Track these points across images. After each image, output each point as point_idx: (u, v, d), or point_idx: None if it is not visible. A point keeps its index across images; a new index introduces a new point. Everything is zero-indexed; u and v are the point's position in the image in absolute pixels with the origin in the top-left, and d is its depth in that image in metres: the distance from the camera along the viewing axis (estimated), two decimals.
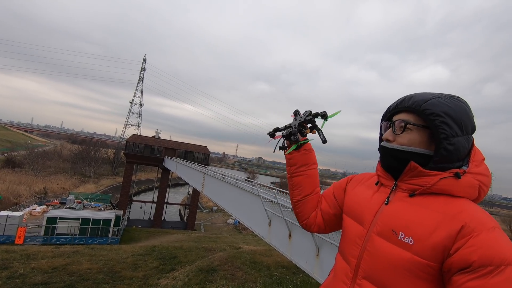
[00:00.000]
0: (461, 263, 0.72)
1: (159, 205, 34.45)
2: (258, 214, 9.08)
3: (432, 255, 0.76)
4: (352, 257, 0.95)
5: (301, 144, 1.19)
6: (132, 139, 35.68)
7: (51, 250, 16.15)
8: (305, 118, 1.19)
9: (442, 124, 0.83)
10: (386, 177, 0.98)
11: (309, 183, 1.19)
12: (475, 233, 0.72)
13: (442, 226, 0.77)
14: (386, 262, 0.84)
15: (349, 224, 1.03)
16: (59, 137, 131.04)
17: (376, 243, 0.88)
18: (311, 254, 6.41)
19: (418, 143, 0.88)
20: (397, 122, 0.93)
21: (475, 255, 0.70)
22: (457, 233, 0.74)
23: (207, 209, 47.76)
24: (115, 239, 22.29)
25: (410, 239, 0.80)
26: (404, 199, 0.89)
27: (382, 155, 0.97)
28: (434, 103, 0.85)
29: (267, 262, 14.69)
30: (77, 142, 79.79)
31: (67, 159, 55.09)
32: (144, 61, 65.32)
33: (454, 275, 0.73)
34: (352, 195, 1.09)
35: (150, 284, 12.62)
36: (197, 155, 37.50)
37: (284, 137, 1.21)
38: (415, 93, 0.94)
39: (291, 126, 1.19)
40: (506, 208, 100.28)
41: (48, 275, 12.58)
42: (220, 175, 13.45)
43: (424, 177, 0.86)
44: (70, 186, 41.92)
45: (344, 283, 0.95)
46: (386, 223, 0.88)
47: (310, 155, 1.20)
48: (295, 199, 1.20)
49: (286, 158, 1.21)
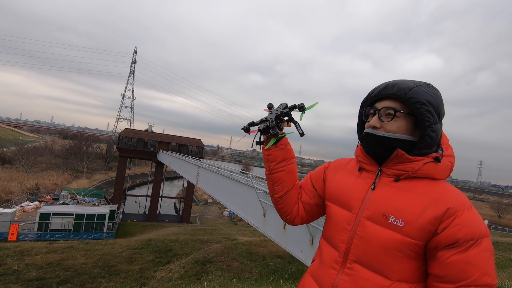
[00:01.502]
0: (448, 241, 0.80)
1: (153, 199, 34.38)
2: (253, 206, 9.13)
3: (421, 235, 0.83)
4: (341, 242, 0.96)
5: (279, 138, 1.14)
6: (125, 133, 35.29)
7: (45, 246, 16.03)
8: (282, 111, 1.13)
9: (426, 113, 0.88)
10: (369, 163, 1.00)
11: (289, 178, 1.15)
12: (458, 213, 0.81)
13: (429, 208, 0.84)
14: (377, 245, 0.88)
15: (335, 210, 1.03)
16: (50, 132, 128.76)
17: (367, 228, 0.91)
18: (306, 243, 6.50)
19: (404, 130, 0.92)
20: (384, 109, 0.94)
21: (460, 233, 0.79)
22: (443, 214, 0.82)
23: (202, 202, 47.89)
24: (110, 234, 22.24)
25: (401, 221, 0.85)
26: (390, 184, 0.93)
27: (369, 142, 0.96)
28: (418, 92, 0.89)
29: (262, 253, 14.87)
30: (68, 137, 78.61)
31: (59, 154, 54.27)
32: (135, 53, 64.17)
33: (440, 251, 0.82)
34: (334, 182, 1.09)
35: (146, 277, 12.68)
36: (191, 148, 37.34)
37: (260, 131, 1.15)
38: (397, 80, 0.95)
39: (268, 119, 1.14)
40: (495, 195, 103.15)
41: (42, 270, 12.52)
42: (215, 168, 13.44)
43: (409, 163, 0.90)
44: (62, 182, 41.41)
45: (333, 269, 0.96)
46: (376, 208, 0.91)
47: (288, 150, 1.16)
48: (277, 196, 1.16)
49: (264, 154, 1.16)
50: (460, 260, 0.78)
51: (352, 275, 0.91)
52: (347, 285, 0.91)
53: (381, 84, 0.98)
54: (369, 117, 1.01)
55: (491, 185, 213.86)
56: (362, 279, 0.89)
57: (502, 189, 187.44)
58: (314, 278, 1.03)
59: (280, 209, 1.18)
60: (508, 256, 12.27)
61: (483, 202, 70.84)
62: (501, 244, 16.35)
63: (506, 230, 42.99)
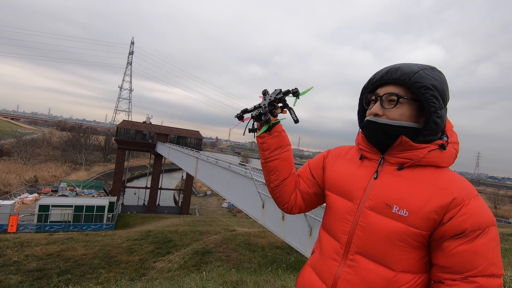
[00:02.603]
0: (455, 231, 0.78)
1: (152, 190, 34.50)
2: (252, 197, 9.16)
3: (425, 224, 0.80)
4: (342, 233, 0.93)
5: (272, 125, 1.09)
6: (123, 125, 35.12)
7: (45, 237, 16.12)
8: (275, 96, 1.08)
9: (432, 98, 0.83)
10: (371, 151, 0.96)
11: (285, 166, 1.10)
12: (465, 202, 0.78)
13: (434, 198, 0.80)
14: (381, 235, 0.85)
15: (336, 200, 0.99)
16: (47, 124, 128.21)
17: (370, 218, 0.88)
18: (304, 234, 6.54)
19: (408, 117, 0.88)
20: (386, 95, 0.89)
21: (467, 223, 0.77)
22: (449, 204, 0.79)
23: (201, 194, 48.12)
24: (110, 225, 22.39)
25: (405, 211, 0.82)
26: (393, 172, 0.90)
27: (371, 130, 0.93)
28: (422, 76, 0.84)
29: (261, 243, 15.01)
30: (66, 129, 78.15)
31: (57, 146, 54.17)
32: (132, 44, 63.39)
33: (446, 241, 0.79)
34: (334, 170, 1.05)
35: (146, 268, 12.80)
36: (190, 140, 37.27)
37: (253, 118, 1.11)
38: (400, 64, 0.90)
39: (261, 106, 1.10)
40: (492, 187, 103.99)
41: (43, 261, 12.61)
42: (213, 160, 13.44)
43: (413, 151, 0.87)
44: (61, 174, 41.44)
45: (334, 260, 0.93)
46: (379, 197, 0.88)
47: (283, 137, 1.11)
48: (273, 185, 1.12)
49: (258, 143, 1.12)
50: (467, 251, 0.76)
51: (354, 266, 0.88)
52: (349, 276, 0.88)
53: (383, 68, 0.93)
54: (370, 104, 0.96)
55: (488, 177, 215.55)
56: (365, 270, 0.86)
57: (499, 181, 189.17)
58: (315, 269, 1.01)
59: (277, 198, 1.14)
60: (504, 246, 12.44)
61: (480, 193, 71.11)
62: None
63: (502, 221, 43.59)
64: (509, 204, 58.33)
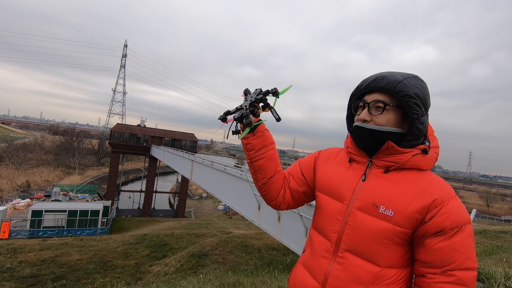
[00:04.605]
0: (436, 229, 0.85)
1: (147, 194, 34.23)
2: (248, 199, 9.19)
3: (409, 223, 0.88)
4: (332, 232, 0.98)
5: (255, 126, 1.12)
6: (117, 128, 34.83)
7: (38, 243, 15.89)
8: (256, 97, 1.10)
9: (414, 106, 0.90)
10: (359, 154, 1.03)
11: (271, 164, 1.14)
12: (444, 202, 0.86)
13: (417, 199, 0.88)
14: (368, 234, 0.91)
15: (326, 201, 1.04)
16: (39, 128, 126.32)
17: (358, 218, 0.94)
18: (300, 235, 6.59)
19: (393, 123, 0.95)
20: (373, 102, 0.95)
21: (447, 221, 0.85)
22: (430, 204, 0.86)
23: (197, 196, 47.89)
24: (105, 230, 22.15)
25: (391, 211, 0.89)
26: (379, 175, 0.97)
27: (359, 135, 0.98)
28: (406, 85, 0.91)
29: (257, 245, 15.02)
30: (58, 133, 77.15)
31: (49, 151, 53.44)
32: (125, 47, 62.96)
33: (427, 238, 0.87)
34: (324, 172, 1.10)
35: (142, 272, 12.71)
36: (185, 142, 37.12)
37: (236, 120, 1.13)
38: (385, 73, 0.96)
39: (242, 107, 1.11)
40: (484, 185, 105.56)
41: (37, 267, 12.43)
42: (209, 162, 13.44)
43: (398, 155, 0.94)
44: (54, 179, 40.85)
45: (325, 258, 0.98)
46: (367, 198, 0.94)
47: (266, 136, 1.14)
48: (260, 183, 1.16)
49: (243, 143, 1.14)
50: (446, 247, 0.84)
51: (343, 263, 0.94)
52: (339, 273, 0.94)
53: (369, 76, 1.00)
54: (358, 110, 1.02)
55: (480, 175, 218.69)
56: (354, 266, 0.92)
57: (491, 179, 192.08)
58: (306, 267, 1.06)
59: (265, 196, 1.18)
60: (495, 243, 12.66)
61: (472, 192, 72.43)
62: (489, 232, 16.82)
63: (494, 219, 44.19)
64: (500, 202, 59.26)
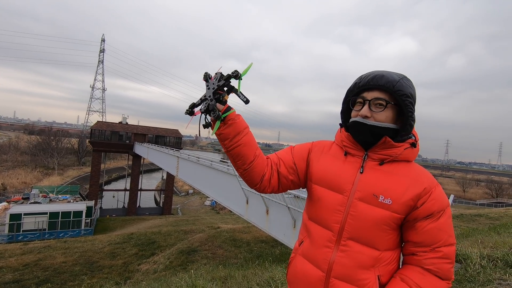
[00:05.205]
0: (426, 213, 0.98)
1: (132, 192, 33.62)
2: (235, 194, 9.24)
3: (404, 209, 0.98)
4: (334, 223, 1.04)
5: (225, 117, 1.06)
6: (98, 126, 33.79)
7: (19, 248, 15.35)
8: (218, 84, 1.05)
9: (410, 104, 1.00)
10: (355, 148, 1.09)
11: (247, 150, 1.11)
12: (432, 190, 0.99)
13: (410, 188, 0.99)
14: (369, 222, 0.99)
15: (325, 194, 1.09)
16: (13, 128, 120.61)
17: (359, 208, 1.01)
18: (288, 226, 6.73)
19: (390, 119, 1.03)
20: (374, 100, 1.02)
21: (435, 206, 0.98)
22: (421, 192, 0.98)
23: (183, 193, 47.50)
24: (89, 230, 21.64)
25: (389, 200, 0.99)
26: (375, 167, 1.05)
27: (359, 130, 1.04)
28: (403, 85, 1.00)
29: (246, 239, 15.17)
30: (34, 132, 73.85)
31: (25, 151, 51.15)
32: (103, 41, 60.72)
33: (418, 222, 0.99)
34: (320, 166, 1.14)
35: (131, 271, 12.58)
36: (169, 139, 36.58)
37: (203, 113, 1.07)
38: (383, 72, 1.02)
39: (206, 98, 1.05)
40: (460, 171, 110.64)
41: (19, 272, 12.03)
42: (195, 158, 13.35)
43: (393, 149, 1.03)
44: (32, 180, 39.33)
45: (327, 247, 1.04)
46: (366, 189, 1.02)
47: (238, 123, 1.08)
48: (241, 170, 1.14)
49: (216, 134, 1.09)
50: (434, 228, 0.97)
51: (346, 251, 1.01)
52: (343, 260, 1.01)
53: (367, 74, 1.05)
54: (356, 106, 1.07)
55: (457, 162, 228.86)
56: (356, 253, 1.00)
57: (467, 165, 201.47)
58: (307, 258, 1.10)
59: (248, 180, 1.17)
60: (471, 226, 13.38)
61: (449, 178, 75.69)
62: (466, 216, 17.69)
63: (470, 203, 46.58)
64: (475, 187, 62.39)
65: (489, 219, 15.83)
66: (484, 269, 3.20)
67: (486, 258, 3.43)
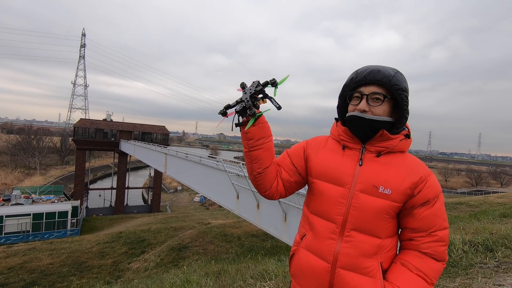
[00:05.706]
0: (422, 200, 1.03)
1: (119, 190, 33.01)
2: (226, 189, 9.25)
3: (402, 198, 1.04)
4: (337, 215, 1.07)
5: (259, 116, 1.16)
6: (81, 123, 32.82)
7: (2, 251, 14.87)
8: (255, 89, 1.14)
9: (405, 98, 1.05)
10: (353, 141, 1.12)
11: (267, 155, 1.18)
12: (427, 178, 1.04)
13: (408, 177, 1.04)
14: (371, 212, 1.04)
15: (326, 187, 1.12)
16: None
17: (361, 199, 1.05)
18: (279, 220, 6.82)
19: (387, 113, 1.07)
20: (372, 94, 1.05)
21: (430, 194, 1.03)
22: (417, 181, 1.03)
23: (172, 190, 47.02)
24: (75, 231, 21.21)
25: (388, 190, 1.04)
26: (373, 159, 1.09)
27: (358, 124, 1.07)
28: (398, 79, 1.04)
29: (237, 233, 15.25)
30: (13, 131, 71.00)
31: (4, 151, 49.12)
32: (83, 36, 58.76)
33: (415, 209, 1.04)
34: (319, 160, 1.17)
35: (121, 269, 12.45)
36: (156, 135, 36.01)
37: (238, 113, 1.17)
38: (378, 66, 1.06)
39: (243, 100, 1.15)
40: (442, 162, 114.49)
41: (3, 276, 11.69)
42: (183, 154, 13.24)
43: (389, 141, 1.07)
44: (13, 181, 38.00)
45: (331, 239, 1.08)
46: (367, 181, 1.06)
47: (266, 128, 1.18)
48: (255, 173, 1.20)
49: (243, 132, 1.18)
50: (430, 214, 1.03)
51: (350, 241, 1.05)
52: (347, 250, 1.05)
53: (362, 68, 1.08)
54: (353, 100, 1.10)
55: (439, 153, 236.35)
56: (359, 242, 1.04)
57: (448, 156, 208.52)
58: (311, 250, 1.13)
59: (259, 185, 1.22)
60: (453, 214, 13.93)
61: (432, 168, 78.13)
62: (448, 204, 18.31)
63: (452, 192, 48.43)
64: (456, 176, 64.84)
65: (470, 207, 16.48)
66: (466, 254, 3.35)
67: (468, 244, 3.59)
